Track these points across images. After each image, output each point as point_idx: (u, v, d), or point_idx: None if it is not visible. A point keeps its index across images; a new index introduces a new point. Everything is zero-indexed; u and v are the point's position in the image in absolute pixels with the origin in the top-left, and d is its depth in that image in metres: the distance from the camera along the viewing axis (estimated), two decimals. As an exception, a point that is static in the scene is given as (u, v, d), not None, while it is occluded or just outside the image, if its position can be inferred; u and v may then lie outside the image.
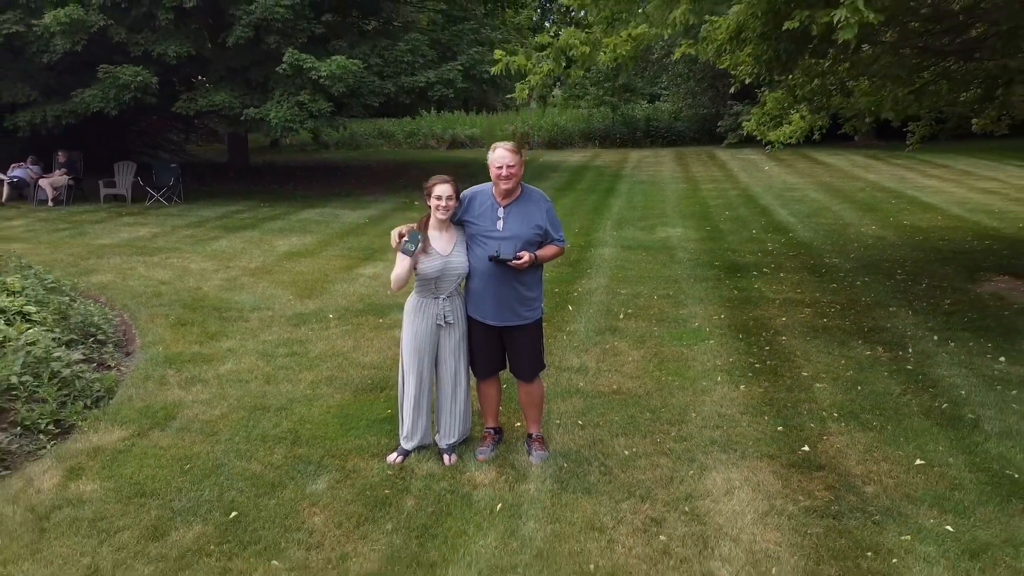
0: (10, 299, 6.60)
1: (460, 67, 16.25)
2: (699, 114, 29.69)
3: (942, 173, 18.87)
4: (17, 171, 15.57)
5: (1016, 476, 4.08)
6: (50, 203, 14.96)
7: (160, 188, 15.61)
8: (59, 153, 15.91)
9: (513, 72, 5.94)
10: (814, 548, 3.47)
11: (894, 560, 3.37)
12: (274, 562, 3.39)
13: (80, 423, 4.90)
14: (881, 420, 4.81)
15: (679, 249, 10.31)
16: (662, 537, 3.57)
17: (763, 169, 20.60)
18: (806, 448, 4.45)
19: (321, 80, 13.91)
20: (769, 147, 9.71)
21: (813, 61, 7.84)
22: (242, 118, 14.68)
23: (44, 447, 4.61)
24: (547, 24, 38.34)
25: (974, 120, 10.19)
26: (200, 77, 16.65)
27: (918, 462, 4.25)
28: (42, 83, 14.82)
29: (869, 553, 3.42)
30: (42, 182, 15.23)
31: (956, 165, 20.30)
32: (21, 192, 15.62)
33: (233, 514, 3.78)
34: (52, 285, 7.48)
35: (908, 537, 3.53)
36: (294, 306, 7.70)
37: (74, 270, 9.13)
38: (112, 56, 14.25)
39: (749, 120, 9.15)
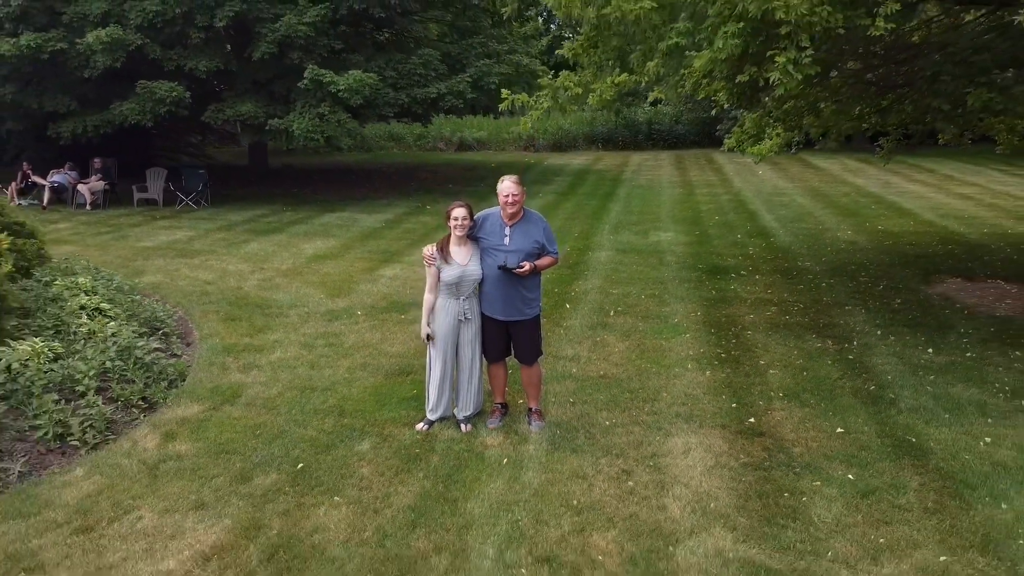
0: (87, 298, 7.74)
1: (469, 78, 17.34)
2: (699, 117, 30.64)
3: (926, 178, 19.86)
4: (57, 176, 16.72)
5: (914, 440, 5.15)
6: (88, 207, 16.11)
7: (189, 193, 16.75)
8: (95, 160, 17.06)
9: (517, 107, 7.03)
10: (744, 490, 4.55)
11: (804, 498, 4.45)
12: (336, 498, 4.49)
13: (163, 400, 6.01)
14: (817, 399, 5.89)
15: (668, 253, 11.39)
16: (630, 483, 4.65)
17: (757, 173, 21.61)
18: (752, 420, 5.53)
19: (339, 93, 15.00)
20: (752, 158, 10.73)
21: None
22: (267, 128, 15.80)
23: (138, 418, 5.71)
24: (552, 27, 39.44)
25: (940, 135, 11.21)
26: (222, 86, 17.68)
27: (839, 430, 5.33)
28: (80, 95, 15.97)
29: (786, 494, 4.51)
30: (81, 187, 16.39)
31: (941, 170, 21.29)
32: (60, 196, 16.76)
33: (300, 465, 4.88)
34: (118, 285, 8.62)
35: (818, 483, 4.62)
36: (326, 304, 8.80)
37: (125, 271, 10.22)
38: (147, 70, 15.39)
39: (730, 138, 10.16)
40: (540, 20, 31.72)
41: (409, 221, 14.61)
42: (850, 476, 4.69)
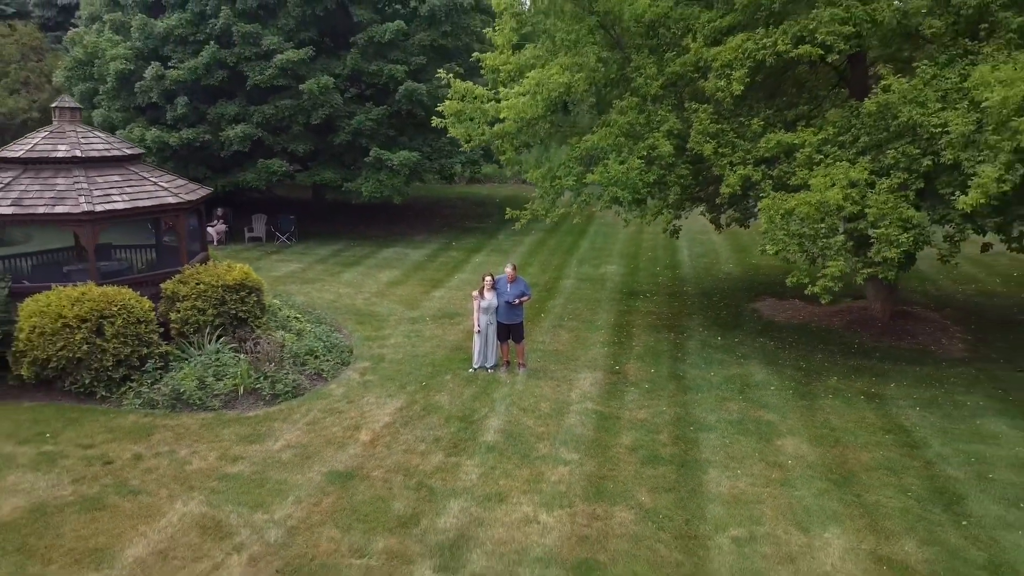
0: (287, 310, 14.71)
1: (482, 149, 24.28)
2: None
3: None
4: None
5: (682, 375, 12.09)
6: (215, 244, 23.06)
7: (283, 232, 23.73)
8: (218, 209, 24.05)
9: (515, 216, 14.01)
10: (602, 391, 11.48)
11: (625, 394, 11.39)
12: (441, 392, 11.43)
13: (349, 361, 12.94)
14: (650, 359, 12.83)
15: (608, 281, 18.34)
16: (559, 389, 11.59)
17: (698, 211, 28.50)
18: (617, 368, 12.48)
19: (393, 166, 21.98)
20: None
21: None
22: (342, 188, 22.80)
23: (342, 369, 12.65)
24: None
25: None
26: (310, 160, 24.58)
27: (652, 371, 12.27)
28: (212, 165, 22.96)
29: (619, 392, 11.43)
30: (209, 229, 23.37)
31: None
32: (192, 234, 23.69)
33: (423, 383, 11.83)
34: (296, 303, 15.57)
35: (633, 388, 11.56)
36: (407, 313, 15.74)
37: (278, 292, 17.12)
38: (259, 150, 22.37)
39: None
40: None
41: (443, 256, 21.57)
42: (646, 386, 11.64)
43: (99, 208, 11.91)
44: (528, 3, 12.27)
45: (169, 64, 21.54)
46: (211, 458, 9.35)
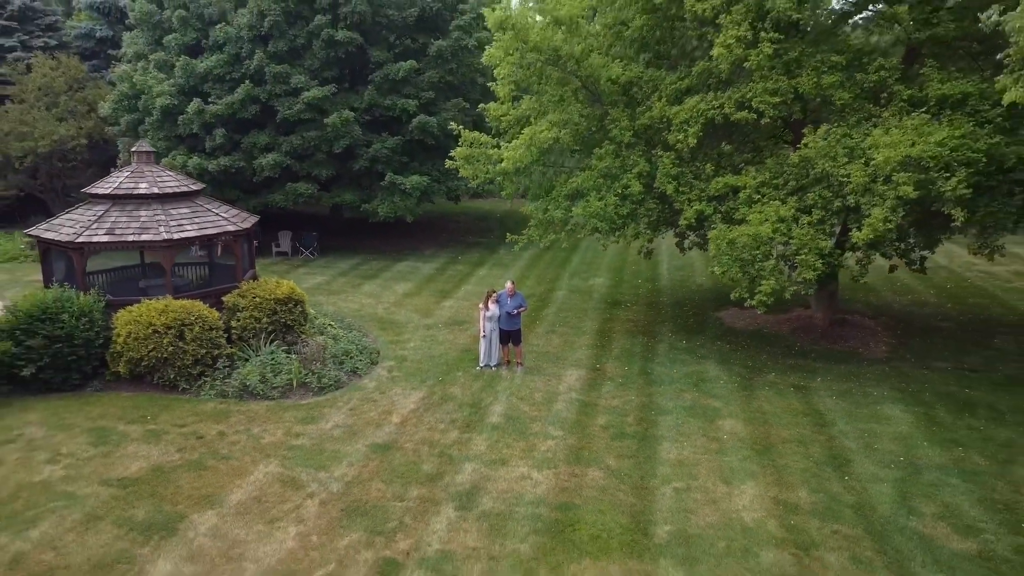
0: (320, 319, 17.47)
1: (484, 172, 27.04)
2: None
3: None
4: (223, 237, 26.44)
5: (650, 372, 14.84)
6: (246, 257, 25.79)
7: (307, 247, 26.50)
8: (248, 226, 26.77)
9: (515, 239, 16.74)
10: (585, 383, 14.23)
11: (602, 386, 14.13)
12: (455, 386, 14.18)
13: (377, 360, 15.69)
14: (626, 358, 15.58)
15: (595, 292, 21.10)
16: (550, 383, 14.34)
17: (681, 226, 31.29)
18: (598, 366, 15.23)
19: (406, 190, 24.76)
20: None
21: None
22: (361, 209, 25.58)
23: (373, 367, 15.40)
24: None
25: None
26: (331, 184, 27.35)
27: (625, 368, 15.03)
28: (244, 188, 25.74)
29: (597, 384, 14.19)
30: (241, 244, 26.10)
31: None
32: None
33: (440, 378, 14.58)
34: (329, 312, 18.32)
35: (609, 381, 14.30)
36: (422, 321, 18.49)
37: (311, 303, 19.83)
38: (286, 175, 25.15)
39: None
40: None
41: (451, 269, 24.34)
42: (620, 380, 14.39)
43: (176, 236, 14.67)
44: (522, 69, 15.05)
45: (208, 100, 24.32)
46: (279, 434, 12.09)
